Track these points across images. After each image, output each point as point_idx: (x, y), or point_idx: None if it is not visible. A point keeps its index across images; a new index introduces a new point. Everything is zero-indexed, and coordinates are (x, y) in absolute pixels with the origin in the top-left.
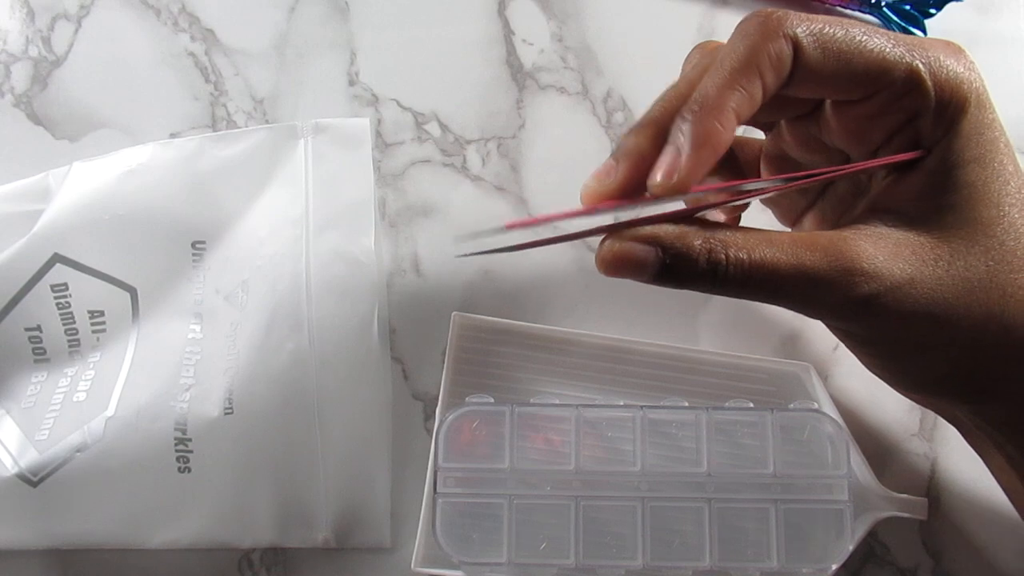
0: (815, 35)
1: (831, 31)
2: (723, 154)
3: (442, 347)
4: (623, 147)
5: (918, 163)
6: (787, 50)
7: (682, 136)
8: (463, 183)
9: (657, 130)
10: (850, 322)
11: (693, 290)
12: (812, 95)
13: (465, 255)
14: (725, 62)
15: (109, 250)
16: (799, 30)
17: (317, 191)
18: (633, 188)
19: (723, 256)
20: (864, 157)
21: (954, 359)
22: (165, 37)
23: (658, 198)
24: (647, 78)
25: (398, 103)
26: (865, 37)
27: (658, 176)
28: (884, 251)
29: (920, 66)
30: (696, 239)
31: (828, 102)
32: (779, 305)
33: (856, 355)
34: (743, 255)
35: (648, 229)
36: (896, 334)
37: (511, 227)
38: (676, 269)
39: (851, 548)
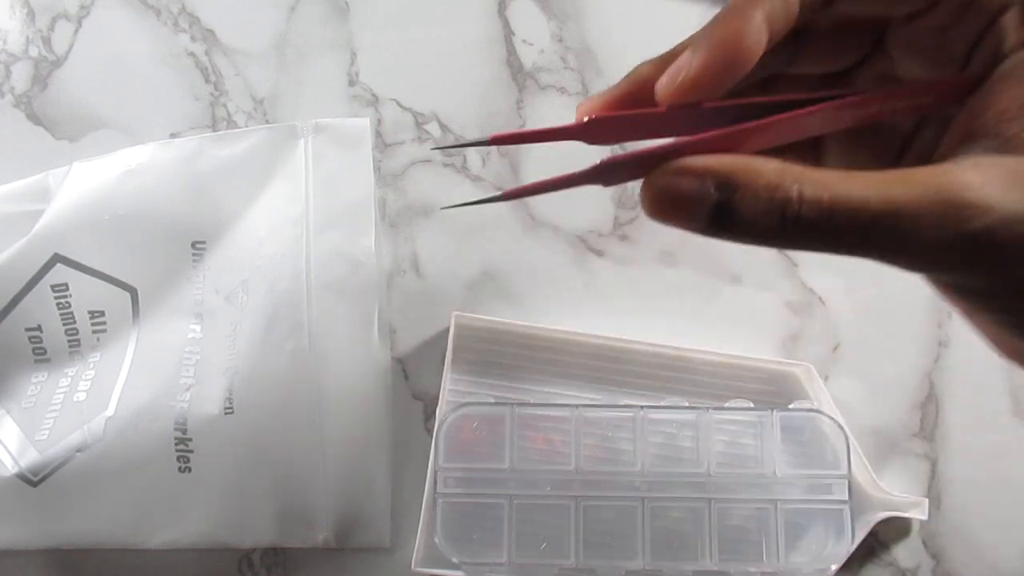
0: None
1: None
2: (744, 68)
3: (442, 347)
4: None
5: (1011, 75)
6: None
7: (699, 38)
8: (463, 183)
9: (672, 56)
10: (960, 268)
11: (754, 242)
12: (866, 11)
13: (450, 207)
14: None
15: (109, 250)
16: None
17: (317, 191)
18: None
19: (795, 192)
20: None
21: None
22: (165, 37)
23: (667, 110)
24: None
25: (398, 103)
26: None
27: (664, 78)
28: (995, 179)
29: None
30: (760, 172)
31: (891, 32)
32: (865, 256)
33: (967, 314)
34: (821, 192)
35: (699, 159)
36: (1019, 274)
37: (496, 139)
38: (734, 209)
39: (851, 548)
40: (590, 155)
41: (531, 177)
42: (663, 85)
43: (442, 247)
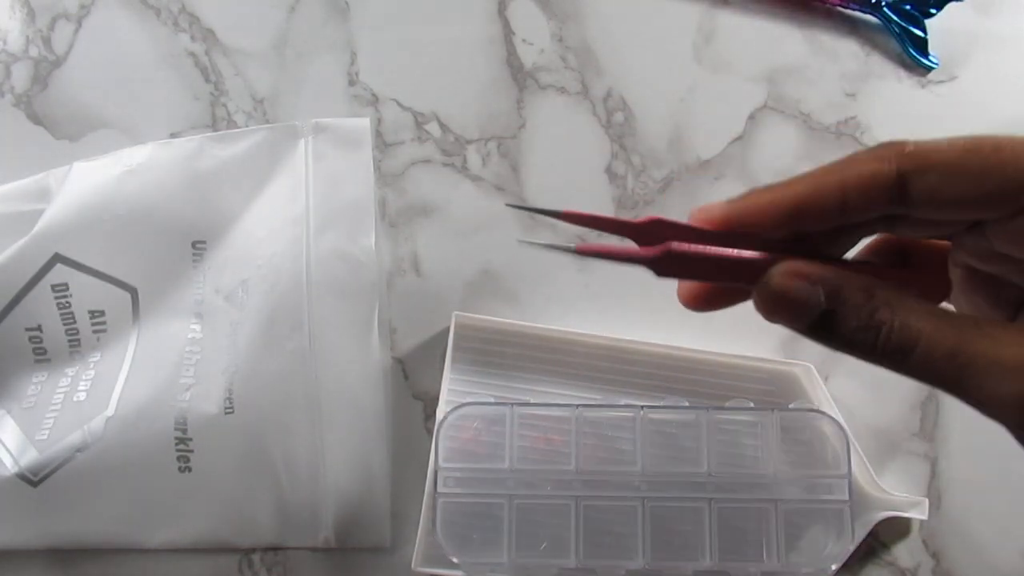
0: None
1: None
2: (783, 215)
3: (442, 347)
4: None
5: None
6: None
7: (771, 187)
8: (463, 183)
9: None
10: None
11: (851, 353)
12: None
13: (527, 242)
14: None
15: (109, 250)
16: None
17: (317, 191)
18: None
19: (887, 317)
20: None
21: None
22: (165, 37)
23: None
24: (647, 78)
25: (398, 103)
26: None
27: (697, 210)
28: None
29: None
30: (862, 289)
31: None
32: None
33: None
34: (913, 322)
35: (809, 265)
36: None
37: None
38: (838, 321)
39: (851, 548)
40: (588, 160)
41: (530, 179)
42: (697, 209)
43: (442, 247)
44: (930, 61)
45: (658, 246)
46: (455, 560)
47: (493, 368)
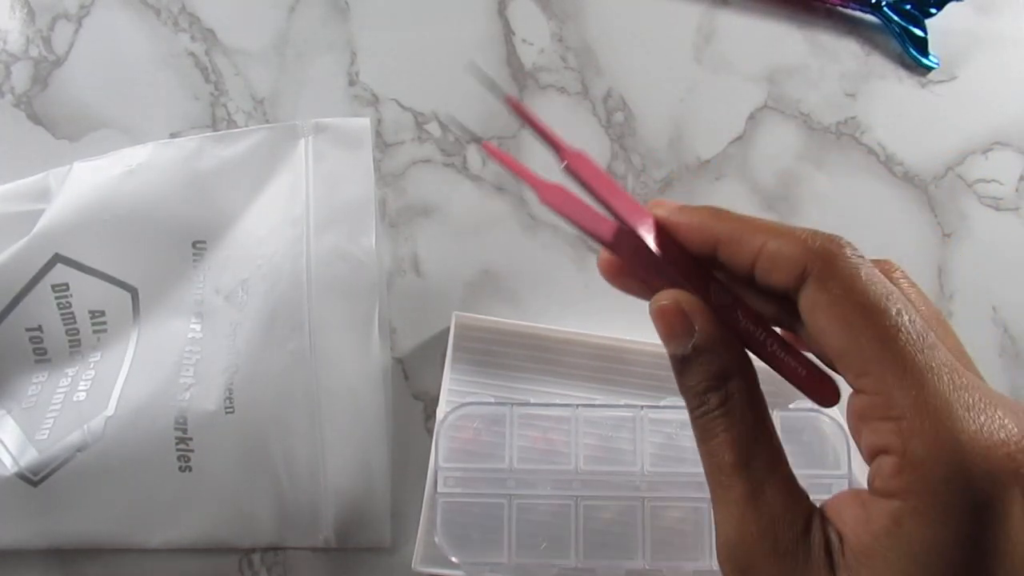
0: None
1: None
2: (707, 247)
3: (442, 347)
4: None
5: None
6: None
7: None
8: (463, 183)
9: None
10: None
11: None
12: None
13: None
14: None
15: (110, 250)
16: None
17: (317, 191)
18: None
19: (727, 389)
20: None
21: None
22: (165, 37)
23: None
24: (647, 78)
25: (398, 103)
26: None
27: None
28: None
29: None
30: (717, 363)
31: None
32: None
33: None
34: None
35: (700, 310)
36: None
37: (510, 101)
38: (689, 372)
39: None
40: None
41: None
42: (654, 203)
43: (442, 247)
44: (930, 61)
45: (554, 182)
46: (455, 560)
47: (493, 368)
